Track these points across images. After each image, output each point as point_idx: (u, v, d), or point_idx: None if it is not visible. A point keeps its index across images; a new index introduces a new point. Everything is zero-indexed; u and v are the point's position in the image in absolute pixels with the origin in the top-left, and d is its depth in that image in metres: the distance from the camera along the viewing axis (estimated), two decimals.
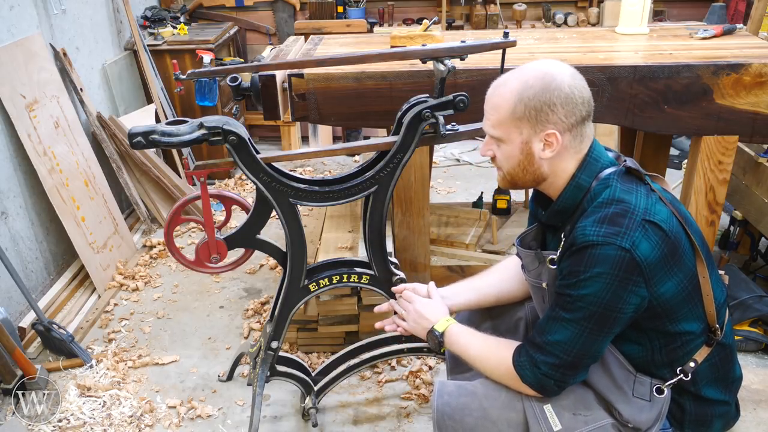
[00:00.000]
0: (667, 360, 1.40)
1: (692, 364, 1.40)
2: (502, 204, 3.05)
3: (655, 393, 1.40)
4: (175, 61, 2.41)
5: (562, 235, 1.38)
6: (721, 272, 1.51)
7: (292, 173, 1.76)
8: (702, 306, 1.37)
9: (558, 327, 1.33)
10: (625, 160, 1.39)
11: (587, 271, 1.27)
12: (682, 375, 1.40)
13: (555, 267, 1.40)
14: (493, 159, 1.44)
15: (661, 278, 1.29)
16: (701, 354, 1.40)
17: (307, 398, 2.07)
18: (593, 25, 4.28)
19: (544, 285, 1.47)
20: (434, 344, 1.57)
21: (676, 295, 1.32)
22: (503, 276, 1.74)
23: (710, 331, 1.40)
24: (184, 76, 1.73)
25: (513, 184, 1.45)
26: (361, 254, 2.26)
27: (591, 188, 1.35)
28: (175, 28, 3.99)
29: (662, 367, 1.40)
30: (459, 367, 1.69)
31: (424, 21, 2.44)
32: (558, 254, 1.38)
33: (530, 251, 1.50)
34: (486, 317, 1.77)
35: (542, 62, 1.37)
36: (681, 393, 1.43)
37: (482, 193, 3.16)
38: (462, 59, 1.78)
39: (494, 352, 1.46)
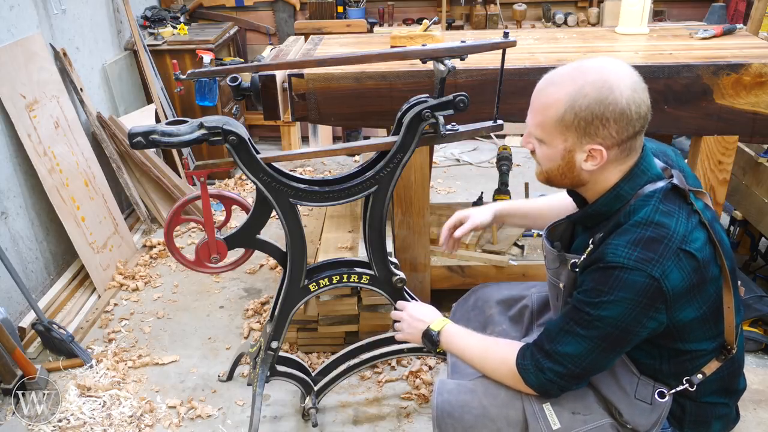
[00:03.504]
0: (675, 371, 1.38)
1: (700, 376, 1.38)
2: None
3: (656, 397, 1.38)
4: (175, 61, 2.40)
5: (591, 242, 1.34)
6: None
7: (292, 173, 1.76)
8: (718, 328, 1.35)
9: (570, 340, 1.31)
10: (672, 175, 1.33)
11: (611, 293, 1.23)
12: (687, 385, 1.38)
13: (576, 271, 1.37)
14: (533, 152, 1.39)
15: (682, 305, 1.27)
16: (710, 367, 1.38)
17: (307, 398, 2.07)
18: (593, 25, 4.28)
19: (561, 286, 1.45)
20: (430, 344, 1.57)
21: (693, 320, 1.30)
22: (554, 213, 1.67)
23: (725, 348, 1.38)
24: (184, 76, 1.73)
25: (549, 182, 1.40)
26: (361, 254, 2.26)
27: (630, 202, 1.30)
28: (175, 28, 3.99)
29: (669, 377, 1.39)
30: (459, 369, 1.69)
31: (424, 21, 2.44)
32: (582, 259, 1.34)
33: (554, 251, 1.47)
34: (492, 304, 1.78)
35: (603, 65, 1.25)
36: (682, 395, 1.42)
37: (482, 193, 3.16)
38: (462, 59, 1.77)
39: (494, 353, 1.46)
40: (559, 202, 1.71)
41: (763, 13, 3.17)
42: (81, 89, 3.16)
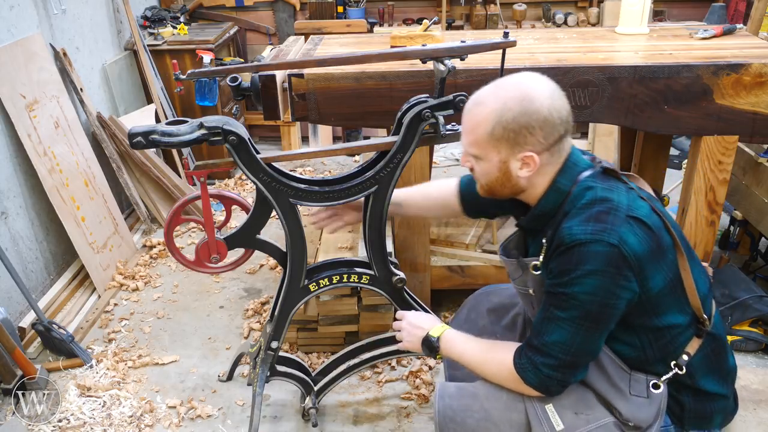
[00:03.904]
0: (660, 356, 1.41)
1: (685, 357, 1.41)
2: None
3: (651, 389, 1.41)
4: (175, 61, 2.39)
5: (543, 240, 1.40)
6: (705, 264, 1.54)
7: (292, 173, 1.76)
8: (686, 298, 1.39)
9: (554, 327, 1.34)
10: (600, 162, 1.43)
11: (578, 269, 1.29)
12: (676, 369, 1.41)
13: (539, 273, 1.42)
14: (472, 170, 1.47)
15: (649, 273, 1.32)
16: (692, 346, 1.42)
17: (307, 398, 2.07)
18: (593, 25, 4.28)
19: (531, 292, 1.49)
20: (430, 351, 1.58)
21: (662, 288, 1.35)
22: (421, 198, 1.89)
23: (698, 322, 1.42)
24: (184, 76, 1.73)
25: (491, 195, 1.48)
26: (361, 254, 2.26)
27: (571, 192, 1.38)
28: (175, 28, 3.99)
29: (656, 363, 1.42)
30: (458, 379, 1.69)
31: (424, 21, 2.44)
32: (542, 258, 1.41)
33: (512, 260, 1.52)
34: (484, 314, 1.79)
35: (521, 80, 1.36)
36: (679, 389, 1.44)
37: None
38: (462, 59, 1.78)
39: (493, 356, 1.47)
40: (432, 189, 1.88)
41: (763, 13, 3.17)
42: (81, 89, 3.16)
